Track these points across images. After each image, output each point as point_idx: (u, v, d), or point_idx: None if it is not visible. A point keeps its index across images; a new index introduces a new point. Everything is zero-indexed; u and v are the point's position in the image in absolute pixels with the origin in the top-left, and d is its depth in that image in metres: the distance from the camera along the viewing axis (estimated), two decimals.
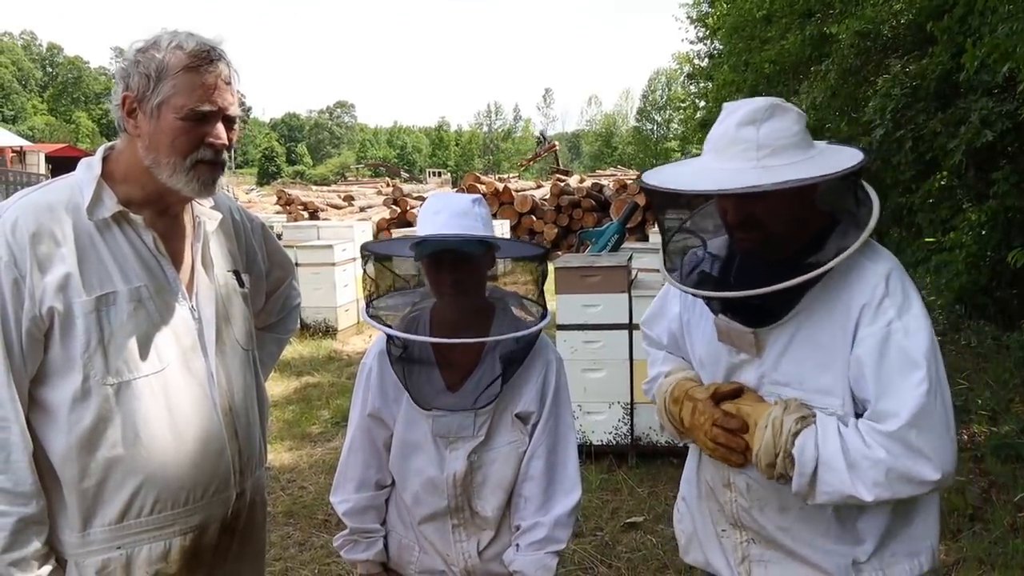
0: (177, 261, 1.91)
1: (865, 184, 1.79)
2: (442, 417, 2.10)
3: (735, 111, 1.74)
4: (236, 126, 1.89)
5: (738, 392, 1.85)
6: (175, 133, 1.76)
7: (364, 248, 2.17)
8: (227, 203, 2.13)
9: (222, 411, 1.93)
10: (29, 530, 1.71)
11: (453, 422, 2.10)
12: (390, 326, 2.12)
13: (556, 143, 38.43)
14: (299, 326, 10.01)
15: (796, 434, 1.68)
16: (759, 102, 1.73)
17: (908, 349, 1.64)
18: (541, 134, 34.20)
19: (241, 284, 2.09)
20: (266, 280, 2.30)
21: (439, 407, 2.09)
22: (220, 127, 1.82)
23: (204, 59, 1.78)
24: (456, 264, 2.03)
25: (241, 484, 2.01)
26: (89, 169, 1.82)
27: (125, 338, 1.77)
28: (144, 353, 1.79)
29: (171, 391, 1.83)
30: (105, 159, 1.85)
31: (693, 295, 1.90)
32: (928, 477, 1.61)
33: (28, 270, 1.70)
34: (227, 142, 1.84)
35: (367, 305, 2.16)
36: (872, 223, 1.70)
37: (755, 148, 1.69)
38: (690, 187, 1.76)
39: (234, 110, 1.86)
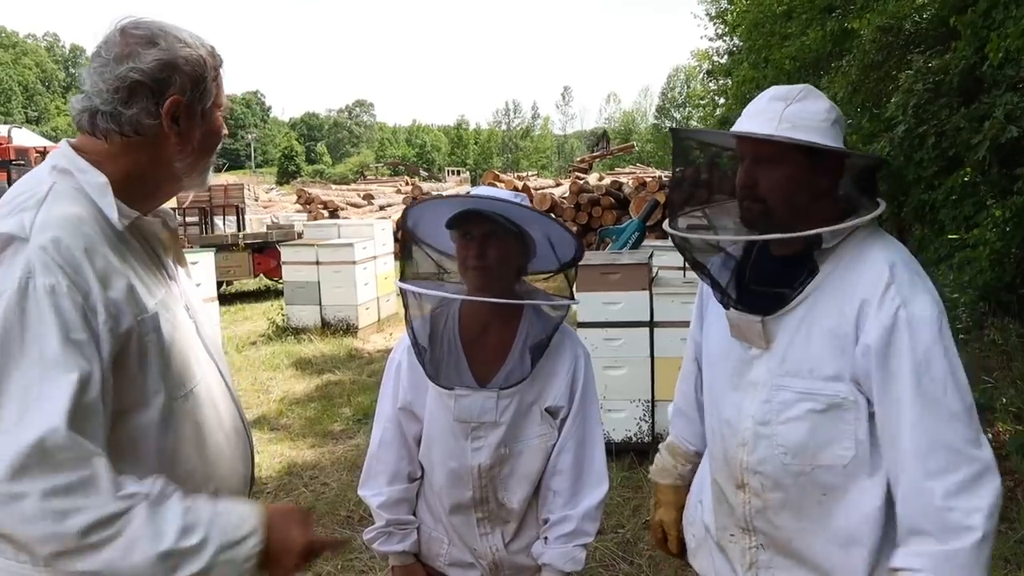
0: None
1: (879, 189, 1.84)
2: (464, 398, 2.10)
3: (771, 90, 1.82)
4: None
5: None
6: (218, 132, 1.74)
7: (408, 210, 2.15)
8: None
9: (240, 405, 1.91)
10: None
11: (475, 404, 2.10)
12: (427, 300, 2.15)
13: (634, 143, 38.20)
14: (320, 324, 10.09)
15: None
16: (797, 86, 1.80)
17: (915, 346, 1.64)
18: (604, 133, 33.94)
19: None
20: None
21: (460, 384, 2.10)
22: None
23: (220, 57, 1.74)
24: (487, 237, 2.04)
25: (254, 480, 1.99)
26: (85, 174, 1.61)
27: (177, 348, 1.67)
28: (190, 361, 1.71)
29: (210, 395, 1.78)
30: None
31: (688, 238, 1.95)
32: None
33: (91, 289, 1.48)
34: None
35: (401, 277, 2.16)
36: (880, 209, 1.75)
37: (778, 119, 1.74)
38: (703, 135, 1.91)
39: None
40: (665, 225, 2.00)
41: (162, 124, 1.63)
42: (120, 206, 1.61)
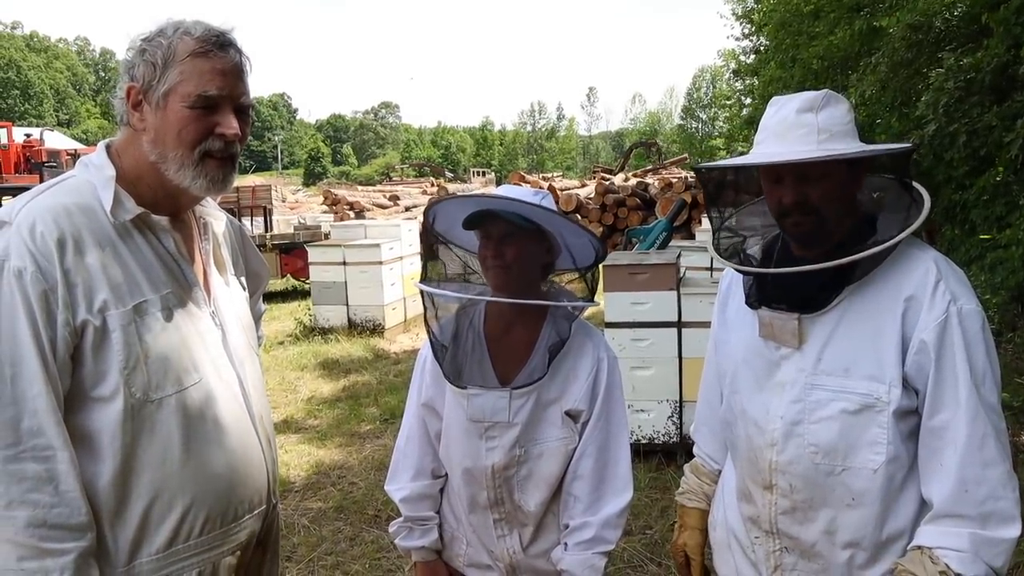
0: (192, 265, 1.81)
1: (917, 184, 1.81)
2: (477, 397, 2.08)
3: (790, 100, 1.80)
4: (250, 119, 1.76)
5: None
6: (182, 123, 1.63)
7: (427, 209, 2.13)
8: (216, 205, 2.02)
9: (257, 419, 1.86)
10: (89, 565, 1.56)
11: (487, 403, 2.08)
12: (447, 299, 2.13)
13: (687, 155, 37.83)
14: (347, 324, 10.14)
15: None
16: (813, 92, 1.79)
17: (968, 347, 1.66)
18: (653, 139, 33.37)
19: (243, 288, 2.02)
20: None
21: (473, 383, 2.08)
22: (231, 117, 1.68)
23: (213, 44, 1.65)
24: (504, 236, 2.03)
25: (275, 495, 1.95)
26: (100, 169, 1.67)
27: (162, 350, 1.65)
28: (182, 364, 1.68)
29: (211, 402, 1.73)
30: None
31: (746, 272, 1.93)
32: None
33: (57, 280, 1.54)
34: (239, 133, 1.70)
35: (422, 277, 2.15)
36: (927, 209, 1.75)
37: (816, 132, 1.74)
38: (756, 161, 1.81)
39: (246, 100, 1.72)
40: (718, 257, 1.99)
41: (130, 112, 1.68)
42: (124, 201, 1.65)
